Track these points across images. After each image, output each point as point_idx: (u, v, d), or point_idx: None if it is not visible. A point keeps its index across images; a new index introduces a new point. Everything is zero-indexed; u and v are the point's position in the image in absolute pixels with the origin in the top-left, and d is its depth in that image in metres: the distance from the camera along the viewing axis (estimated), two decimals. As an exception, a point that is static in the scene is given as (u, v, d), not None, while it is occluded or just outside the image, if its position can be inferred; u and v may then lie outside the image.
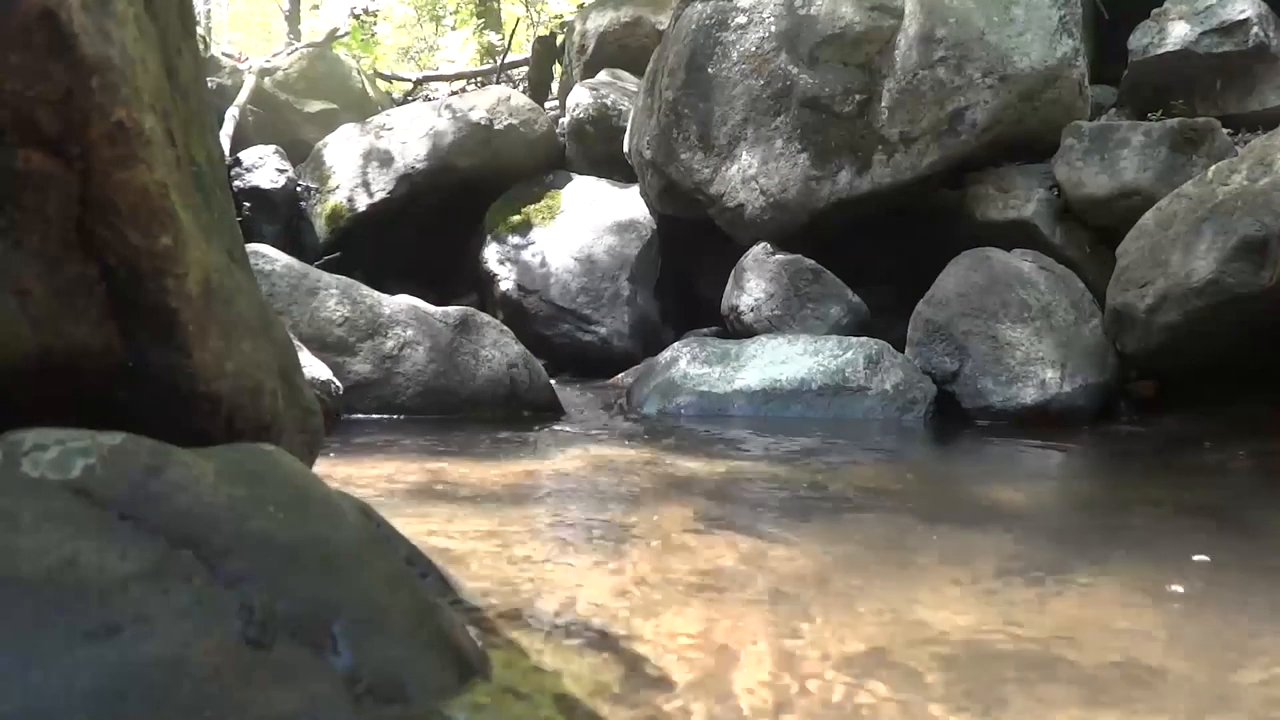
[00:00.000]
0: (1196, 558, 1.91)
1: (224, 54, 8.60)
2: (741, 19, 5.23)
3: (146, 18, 1.12)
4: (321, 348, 3.70)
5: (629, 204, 6.14)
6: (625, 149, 6.12)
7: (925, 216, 4.98)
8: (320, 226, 6.60)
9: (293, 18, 13.83)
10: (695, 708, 1.15)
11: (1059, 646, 1.42)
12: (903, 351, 4.27)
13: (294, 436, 1.38)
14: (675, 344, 4.70)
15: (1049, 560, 1.95)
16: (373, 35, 10.37)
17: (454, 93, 8.37)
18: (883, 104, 4.93)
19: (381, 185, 6.55)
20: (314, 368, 3.39)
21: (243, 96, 7.28)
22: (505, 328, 4.34)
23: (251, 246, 3.55)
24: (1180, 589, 1.73)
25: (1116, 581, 1.80)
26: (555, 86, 8.60)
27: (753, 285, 4.90)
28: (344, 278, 4.13)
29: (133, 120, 1.00)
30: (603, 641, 1.35)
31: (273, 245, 4.56)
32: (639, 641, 1.36)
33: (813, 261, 4.85)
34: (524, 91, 7.87)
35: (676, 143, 5.39)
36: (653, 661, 1.29)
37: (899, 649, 1.38)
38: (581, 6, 8.89)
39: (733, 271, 5.05)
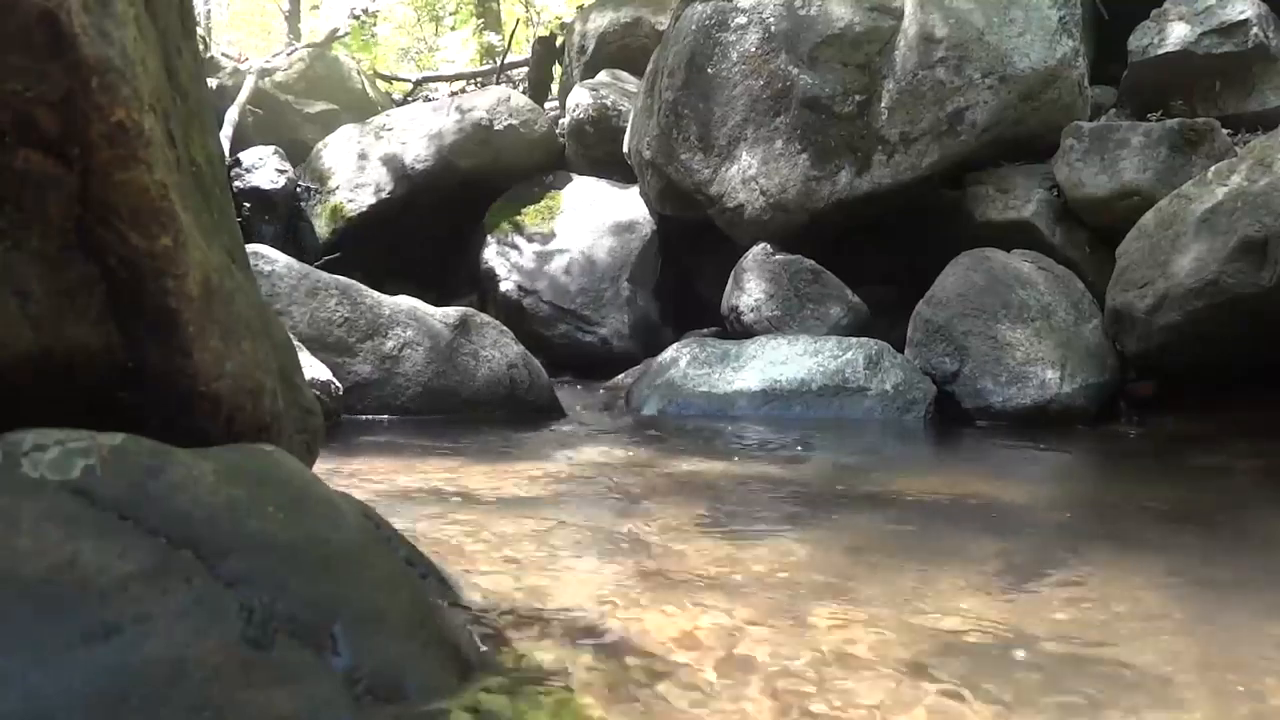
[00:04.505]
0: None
1: (224, 54, 8.60)
2: (741, 19, 5.23)
3: (146, 18, 1.12)
4: (321, 348, 3.70)
5: (629, 204, 6.14)
6: (625, 149, 6.12)
7: (925, 217, 4.98)
8: (320, 226, 6.60)
9: (293, 18, 13.85)
10: (695, 708, 1.15)
11: (1060, 646, 1.42)
12: (903, 352, 4.26)
13: (294, 437, 1.38)
14: (675, 344, 4.70)
15: (1050, 561, 1.95)
16: (373, 36, 10.38)
17: (454, 93, 8.36)
18: (882, 104, 4.93)
19: (381, 185, 6.55)
20: (314, 368, 3.39)
21: (243, 96, 7.28)
22: (505, 328, 4.34)
23: (251, 246, 3.55)
24: (1181, 591, 1.73)
25: (1118, 582, 1.80)
26: (555, 87, 8.60)
27: (753, 286, 4.90)
28: (344, 278, 4.12)
29: (133, 121, 1.00)
30: (603, 641, 1.35)
31: (273, 245, 4.56)
32: (639, 641, 1.36)
33: (813, 262, 4.85)
34: (524, 92, 7.87)
35: (676, 143, 5.39)
36: (653, 661, 1.29)
37: (901, 647, 1.38)
38: (581, 7, 8.89)
39: (733, 272, 5.05)
